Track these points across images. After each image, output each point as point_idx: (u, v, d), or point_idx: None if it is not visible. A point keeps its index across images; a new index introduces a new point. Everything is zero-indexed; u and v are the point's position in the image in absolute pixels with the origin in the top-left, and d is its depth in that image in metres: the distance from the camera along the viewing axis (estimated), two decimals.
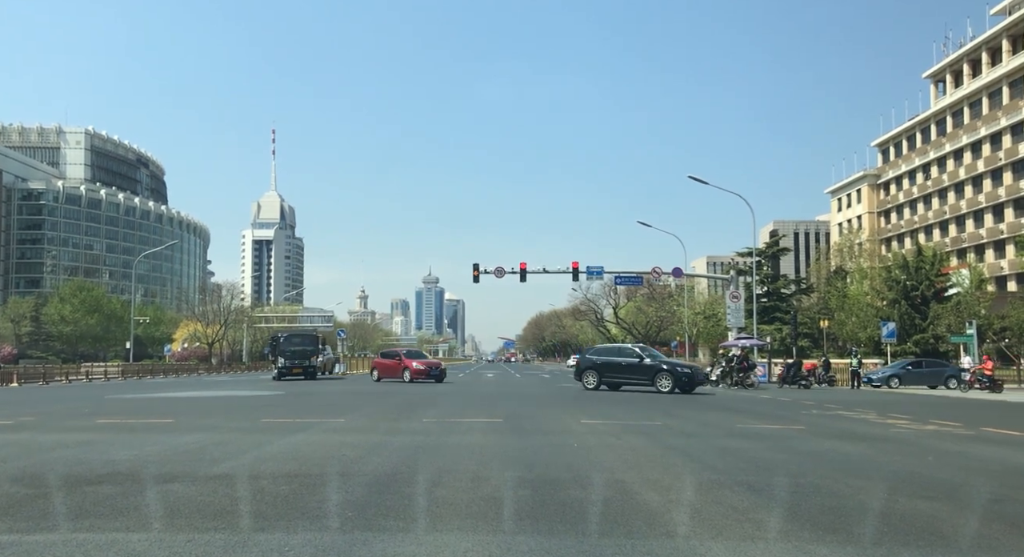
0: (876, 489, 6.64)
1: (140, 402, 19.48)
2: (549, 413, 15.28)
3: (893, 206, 74.39)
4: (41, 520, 5.22)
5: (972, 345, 36.88)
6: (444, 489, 6.35)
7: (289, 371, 35.90)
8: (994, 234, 60.22)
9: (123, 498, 5.94)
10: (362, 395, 22.36)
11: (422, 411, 15.46)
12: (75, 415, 14.98)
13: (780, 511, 5.61)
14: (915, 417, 15.34)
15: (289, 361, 36.14)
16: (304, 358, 36.67)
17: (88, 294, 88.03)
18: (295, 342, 38.17)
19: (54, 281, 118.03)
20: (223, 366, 68.80)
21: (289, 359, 36.20)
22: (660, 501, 5.94)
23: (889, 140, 75.93)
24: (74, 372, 44.26)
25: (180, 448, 9.04)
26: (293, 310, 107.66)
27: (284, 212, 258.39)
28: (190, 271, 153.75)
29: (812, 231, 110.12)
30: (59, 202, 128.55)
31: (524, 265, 45.43)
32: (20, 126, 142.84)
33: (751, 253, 52.16)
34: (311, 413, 15.11)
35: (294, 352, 36.68)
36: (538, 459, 8.29)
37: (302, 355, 36.81)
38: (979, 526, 5.26)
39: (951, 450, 9.71)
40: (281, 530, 4.86)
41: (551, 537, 4.70)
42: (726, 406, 18.45)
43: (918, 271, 47.97)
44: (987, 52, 62.35)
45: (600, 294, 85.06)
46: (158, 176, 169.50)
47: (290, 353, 36.54)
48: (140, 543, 4.55)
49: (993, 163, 60.23)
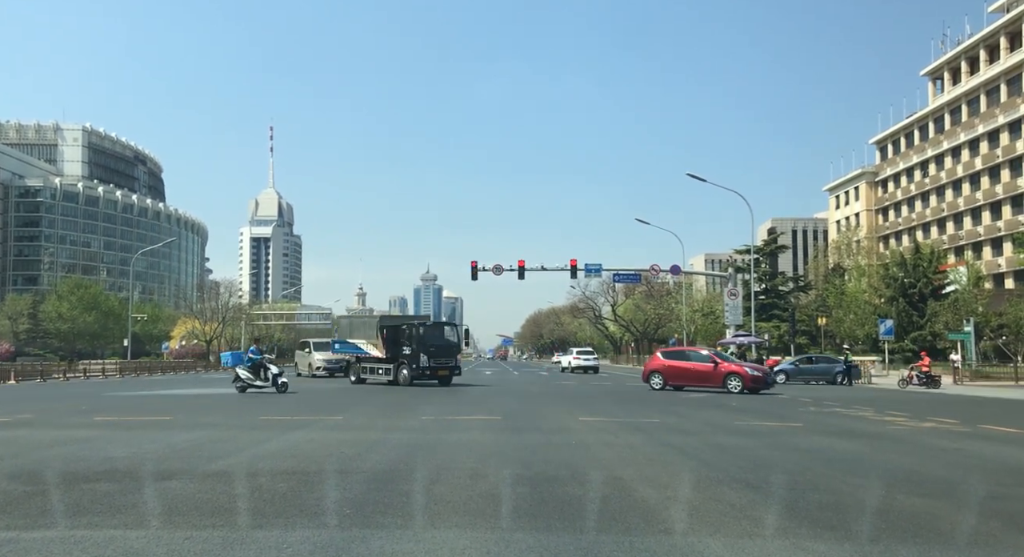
0: (873, 486, 6.65)
1: (138, 400, 19.47)
2: (547, 411, 15.29)
3: (891, 204, 74.44)
4: (39, 517, 5.22)
5: (969, 342, 36.94)
6: (442, 486, 6.35)
7: (432, 373, 26.05)
8: (991, 231, 60.27)
9: (121, 495, 5.93)
10: (360, 393, 22.36)
11: (420, 409, 15.47)
12: (73, 413, 14.97)
13: (778, 508, 5.62)
14: (913, 414, 15.36)
15: (434, 360, 25.95)
16: (451, 356, 27.08)
17: (86, 291, 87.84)
18: (440, 335, 27.78)
19: (52, 278, 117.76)
20: (221, 364, 68.70)
21: (434, 357, 26.01)
22: (658, 498, 5.95)
23: (887, 138, 75.94)
24: (72, 370, 44.21)
25: (178, 445, 9.04)
26: (291, 308, 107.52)
27: (282, 209, 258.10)
28: (188, 268, 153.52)
29: (810, 229, 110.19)
30: (57, 199, 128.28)
31: (522, 263, 45.46)
32: (17, 123, 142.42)
33: (749, 251, 52.19)
34: (309, 411, 15.12)
35: (439, 349, 26.49)
36: (536, 456, 8.30)
37: (448, 352, 26.91)
38: (976, 523, 5.28)
39: (948, 447, 9.73)
40: (279, 527, 4.86)
41: (549, 534, 4.70)
42: (724, 404, 18.47)
43: (916, 269, 48.04)
44: (985, 50, 62.34)
45: (598, 292, 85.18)
46: (156, 173, 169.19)
47: (435, 350, 26.25)
48: (138, 540, 4.55)
49: (991, 161, 60.27)
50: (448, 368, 26.47)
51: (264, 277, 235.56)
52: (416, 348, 25.90)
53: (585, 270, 47.06)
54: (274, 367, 21.55)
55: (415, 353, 25.87)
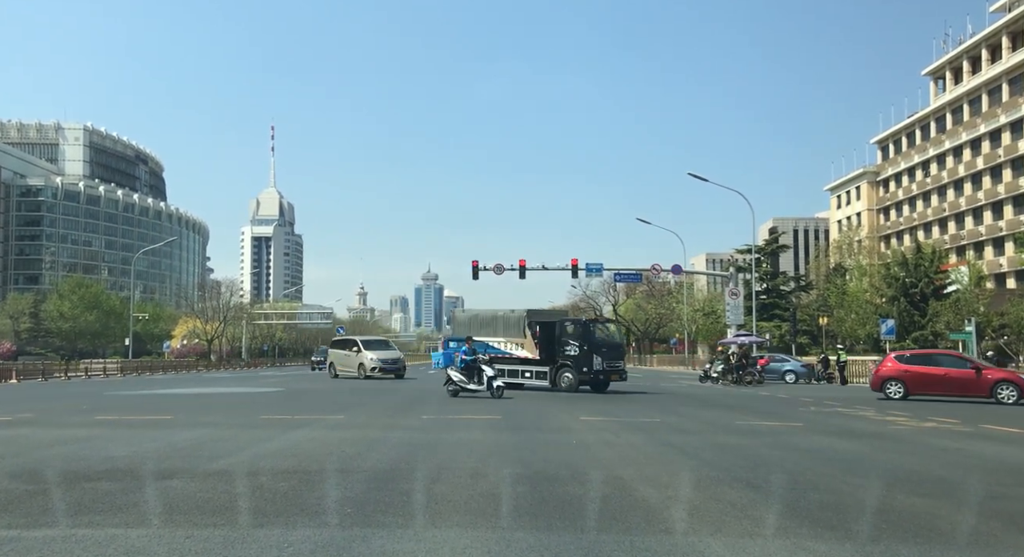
0: (874, 486, 6.65)
1: (139, 399, 19.48)
2: (548, 410, 15.28)
3: (892, 203, 74.37)
4: (40, 516, 5.22)
5: (971, 342, 36.90)
6: (443, 485, 6.36)
7: (605, 377, 22.64)
8: (993, 231, 60.20)
9: (122, 494, 5.94)
10: (361, 392, 22.36)
11: (421, 408, 15.48)
12: (74, 412, 14.98)
13: (778, 508, 5.62)
14: (914, 414, 15.35)
15: (607, 362, 22.57)
16: (620, 359, 23.70)
17: (87, 291, 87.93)
18: (608, 333, 24.70)
19: (53, 278, 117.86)
20: (222, 363, 68.80)
21: (607, 359, 22.60)
22: (659, 498, 5.95)
23: (889, 137, 75.87)
24: (73, 369, 44.25)
25: (179, 444, 9.05)
26: (292, 307, 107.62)
27: (283, 209, 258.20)
28: (189, 268, 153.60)
29: (811, 228, 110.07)
30: (58, 199, 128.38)
31: (523, 262, 45.40)
32: (19, 122, 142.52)
33: (750, 250, 52.15)
34: (310, 410, 15.13)
35: (611, 349, 23.32)
36: (536, 456, 8.30)
37: (617, 354, 23.62)
38: (977, 523, 5.27)
39: (949, 447, 9.72)
40: (280, 526, 4.86)
41: (550, 533, 4.70)
42: (725, 403, 18.46)
43: (917, 268, 47.97)
44: (987, 49, 62.26)
45: (599, 291, 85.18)
46: (157, 173, 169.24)
47: (607, 351, 22.86)
48: (139, 539, 4.55)
49: (992, 160, 60.20)
50: (618, 371, 23.08)
51: (265, 276, 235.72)
52: (587, 348, 22.34)
53: (586, 270, 47.00)
54: (489, 369, 19.31)
55: (585, 354, 22.23)
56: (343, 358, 34.31)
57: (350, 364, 33.37)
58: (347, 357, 33.94)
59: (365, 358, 32.39)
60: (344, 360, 34.14)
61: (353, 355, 33.46)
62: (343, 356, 34.46)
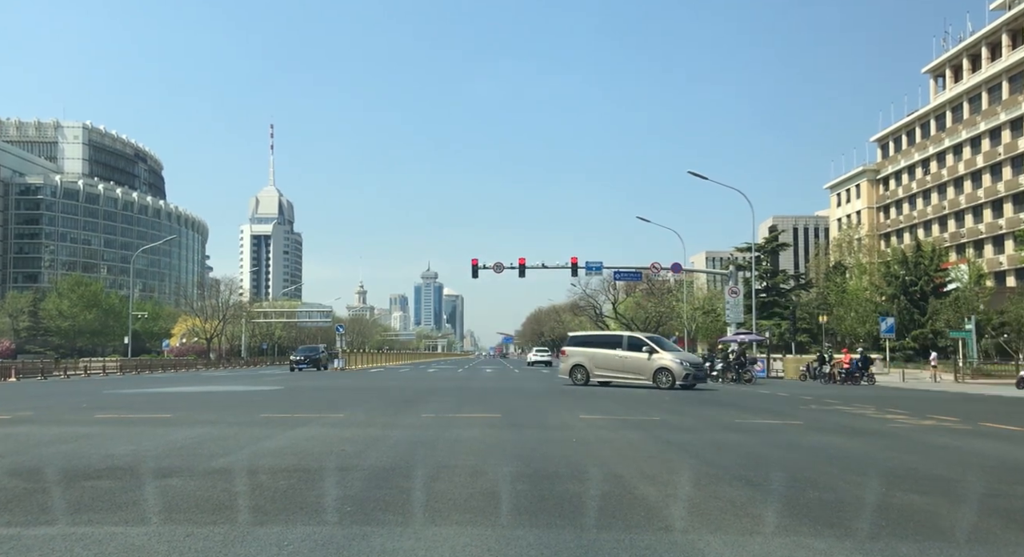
0: (873, 484, 6.65)
1: (138, 397, 19.47)
2: (547, 409, 15.29)
3: (892, 201, 74.38)
4: (40, 514, 5.22)
5: (971, 340, 36.92)
6: (443, 483, 6.36)
7: None
8: (993, 229, 60.23)
9: (122, 492, 5.94)
10: (361, 390, 22.37)
11: (420, 407, 15.48)
12: (73, 410, 14.98)
13: (778, 506, 5.62)
14: (913, 412, 15.36)
15: None
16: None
17: (86, 289, 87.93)
18: None
19: (52, 276, 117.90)
20: (221, 361, 68.77)
21: None
22: (658, 495, 5.95)
23: (888, 135, 75.86)
24: (72, 367, 44.19)
25: (178, 443, 9.05)
26: (292, 305, 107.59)
27: (282, 207, 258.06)
28: (188, 266, 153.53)
29: (811, 226, 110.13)
30: (57, 197, 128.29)
31: (523, 260, 45.43)
32: (17, 120, 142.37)
33: (750, 248, 52.14)
34: (310, 408, 15.12)
35: None
36: (536, 454, 8.30)
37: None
38: (976, 520, 5.28)
39: (948, 445, 9.73)
40: (280, 524, 4.86)
41: (549, 531, 4.70)
42: (725, 402, 18.47)
43: (917, 266, 48.02)
44: (987, 47, 62.24)
45: (599, 289, 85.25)
46: (156, 171, 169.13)
47: None
48: (139, 537, 4.55)
49: (992, 158, 60.21)
50: None
51: (264, 275, 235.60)
52: None
53: (586, 268, 47.02)
54: None
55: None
56: (609, 360, 25.46)
57: (630, 369, 24.95)
58: (622, 360, 25.13)
59: (667, 361, 24.42)
60: (613, 363, 25.37)
61: (638, 357, 24.84)
62: (608, 358, 25.50)
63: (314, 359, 50.93)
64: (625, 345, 25.59)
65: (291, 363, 51.79)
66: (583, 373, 25.74)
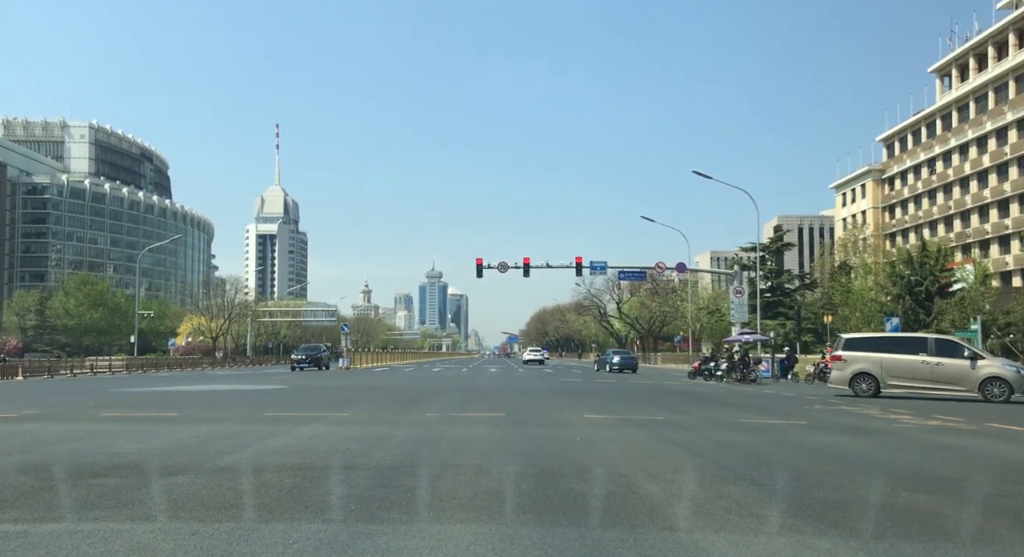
0: (878, 483, 6.64)
1: (144, 395, 19.54)
2: (551, 408, 15.30)
3: (898, 201, 74.14)
4: (47, 511, 5.25)
5: (976, 341, 36.78)
6: (447, 482, 6.37)
7: None
8: (999, 229, 59.99)
9: (128, 490, 5.97)
10: (365, 389, 22.41)
11: (425, 405, 15.51)
12: (80, 408, 15.04)
13: (782, 505, 5.62)
14: (918, 412, 15.31)
15: None
16: None
17: (92, 288, 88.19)
18: None
19: (59, 275, 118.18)
20: (227, 360, 68.91)
21: None
22: (663, 495, 5.95)
23: (894, 135, 75.61)
24: (79, 366, 44.38)
25: (184, 441, 9.08)
26: (297, 305, 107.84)
27: (288, 206, 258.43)
28: (194, 265, 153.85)
29: (816, 226, 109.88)
30: (63, 196, 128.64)
31: (527, 260, 45.42)
32: (24, 120, 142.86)
33: (755, 248, 52.07)
34: (315, 407, 15.17)
35: None
36: (540, 453, 8.31)
37: None
38: (981, 520, 5.26)
39: (954, 445, 9.70)
40: (285, 522, 4.88)
41: (554, 529, 4.71)
42: (729, 401, 18.45)
43: (922, 266, 47.81)
44: (993, 46, 61.97)
45: (603, 289, 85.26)
46: (162, 170, 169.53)
47: None
48: (145, 534, 4.58)
49: (998, 158, 59.97)
50: None
51: (270, 274, 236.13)
52: None
53: (590, 267, 46.98)
54: None
55: None
56: (912, 368, 20.32)
57: (944, 378, 19.99)
58: (932, 367, 19.98)
59: (998, 369, 19.80)
60: (918, 371, 20.23)
61: (956, 364, 19.88)
62: (910, 364, 20.36)
63: (316, 358, 50.56)
64: (932, 348, 20.46)
65: (292, 362, 50.94)
66: (871, 382, 20.66)
